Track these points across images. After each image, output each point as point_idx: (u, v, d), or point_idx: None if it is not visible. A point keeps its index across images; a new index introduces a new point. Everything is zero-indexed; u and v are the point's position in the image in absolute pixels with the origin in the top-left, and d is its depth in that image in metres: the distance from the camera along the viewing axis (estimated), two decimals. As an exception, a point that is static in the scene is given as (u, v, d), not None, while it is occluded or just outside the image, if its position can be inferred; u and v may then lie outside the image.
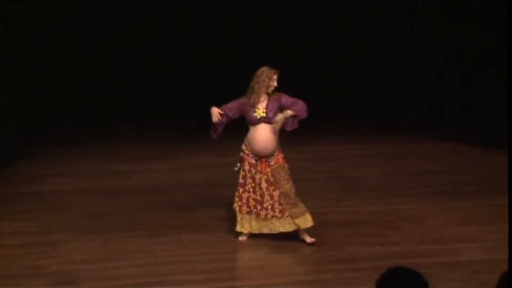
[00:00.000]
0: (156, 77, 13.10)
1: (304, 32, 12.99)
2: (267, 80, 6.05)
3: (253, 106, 6.07)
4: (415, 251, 6.03)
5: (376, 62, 12.56)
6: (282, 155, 6.23)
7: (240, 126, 6.38)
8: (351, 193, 7.91)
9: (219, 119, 6.16)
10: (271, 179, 6.16)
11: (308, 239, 6.28)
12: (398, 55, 12.15)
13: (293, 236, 6.42)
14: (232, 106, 6.18)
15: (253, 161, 6.17)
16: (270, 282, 5.55)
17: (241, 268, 5.81)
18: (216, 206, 7.43)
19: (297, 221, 6.20)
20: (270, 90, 6.09)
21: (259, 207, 6.21)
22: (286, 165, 6.23)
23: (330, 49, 12.93)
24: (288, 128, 6.21)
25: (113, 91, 12.84)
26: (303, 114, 6.11)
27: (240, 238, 6.34)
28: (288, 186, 6.17)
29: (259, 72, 6.11)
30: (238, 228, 6.33)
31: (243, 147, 6.24)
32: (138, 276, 5.64)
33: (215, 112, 6.17)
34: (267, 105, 6.08)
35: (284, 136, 6.32)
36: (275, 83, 6.09)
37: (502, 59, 9.90)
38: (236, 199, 6.28)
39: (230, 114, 6.18)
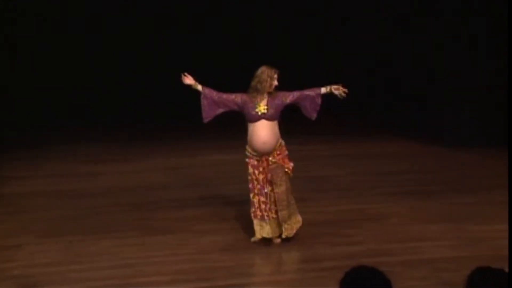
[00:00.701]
0: (121, 78, 13.00)
1: (283, 31, 12.98)
2: (268, 79, 6.08)
3: (254, 103, 6.07)
4: (379, 250, 6.09)
5: (343, 60, 12.61)
6: (285, 153, 6.20)
7: (209, 129, 6.36)
8: (316, 193, 7.96)
9: (189, 82, 6.11)
10: (270, 179, 6.13)
11: (276, 240, 6.28)
12: (364, 53, 12.22)
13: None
14: (230, 96, 6.13)
15: (256, 162, 6.15)
16: (237, 282, 5.56)
17: (207, 269, 5.80)
18: (181, 207, 7.42)
19: (285, 225, 6.19)
20: (271, 89, 6.11)
21: (268, 209, 6.19)
22: (285, 165, 6.15)
23: (298, 49, 12.95)
24: (313, 113, 6.37)
25: (79, 92, 12.72)
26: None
27: (252, 240, 6.30)
28: (282, 188, 6.12)
29: (259, 71, 6.11)
30: (258, 236, 6.23)
31: (246, 152, 6.21)
32: (103, 278, 5.60)
33: (186, 77, 6.14)
34: (268, 102, 6.10)
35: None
36: (276, 82, 6.12)
37: (464, 59, 10.06)
38: (251, 205, 6.23)
39: (230, 98, 6.10)
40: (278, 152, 6.16)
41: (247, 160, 6.22)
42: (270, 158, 6.13)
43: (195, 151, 9.84)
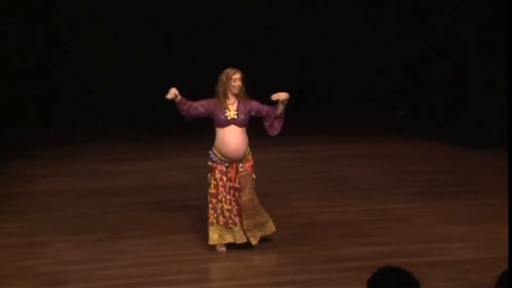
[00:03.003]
0: (147, 78, 13.05)
1: (295, 33, 12.97)
2: (225, 80, 5.95)
3: (224, 108, 5.97)
4: (405, 251, 6.04)
5: (365, 62, 12.58)
6: (252, 162, 6.07)
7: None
8: (340, 193, 7.92)
9: (174, 97, 6.04)
10: (238, 186, 5.98)
11: (253, 241, 6.09)
12: (387, 55, 12.16)
13: (284, 236, 6.42)
14: (203, 103, 6.05)
15: (224, 168, 6.00)
16: (261, 282, 5.55)
17: (231, 268, 5.80)
18: (205, 206, 7.38)
19: (248, 234, 6.05)
20: (234, 91, 5.97)
21: (233, 216, 6.03)
22: (253, 175, 6.05)
23: (319, 51, 12.92)
24: (273, 131, 6.11)
25: (104, 92, 12.78)
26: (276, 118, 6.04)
27: (220, 249, 6.12)
28: (248, 196, 5.98)
29: (221, 74, 6.03)
30: (211, 242, 6.07)
31: (212, 155, 6.07)
32: (128, 276, 5.62)
33: (172, 90, 6.08)
34: (238, 107, 5.98)
35: (274, 136, 6.30)
36: (237, 83, 5.96)
37: (488, 59, 9.96)
38: (211, 211, 6.05)
39: (198, 108, 6.04)
40: (248, 159, 6.04)
41: (212, 164, 6.05)
42: (240, 165, 6.00)
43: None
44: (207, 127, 6.32)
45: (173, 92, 6.10)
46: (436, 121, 11.01)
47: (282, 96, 5.95)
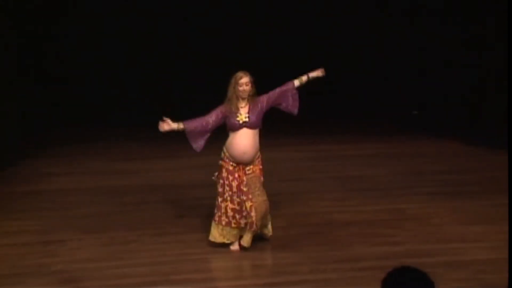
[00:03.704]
0: (159, 76, 13.10)
1: (305, 33, 12.97)
2: (234, 84, 5.91)
3: (235, 112, 5.93)
4: (419, 251, 6.02)
5: (380, 62, 12.57)
6: (260, 166, 6.06)
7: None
8: (355, 192, 7.91)
9: (170, 128, 6.07)
10: (245, 189, 5.96)
11: (244, 243, 6.07)
12: (402, 54, 12.14)
13: (298, 235, 6.42)
14: (212, 114, 6.02)
15: (231, 168, 5.99)
16: (275, 281, 5.56)
17: (246, 267, 5.81)
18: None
19: (249, 234, 6.03)
20: (243, 96, 5.93)
21: (238, 216, 6.02)
22: (262, 178, 6.05)
23: (334, 49, 12.92)
24: (294, 109, 6.09)
25: (117, 90, 12.85)
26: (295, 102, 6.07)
27: (233, 248, 6.14)
28: (259, 198, 5.95)
29: (232, 76, 5.99)
30: (211, 238, 6.11)
31: (222, 154, 6.07)
32: (142, 275, 5.65)
33: (164, 124, 6.08)
34: (249, 110, 5.95)
35: (289, 134, 6.32)
36: (245, 87, 5.92)
37: (504, 57, 9.88)
38: (216, 209, 6.09)
39: (210, 121, 6.02)
40: (256, 163, 6.01)
41: (221, 162, 6.06)
42: (248, 168, 5.97)
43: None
44: (220, 127, 6.33)
45: (167, 125, 6.07)
46: (451, 121, 10.96)
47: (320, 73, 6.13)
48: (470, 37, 10.47)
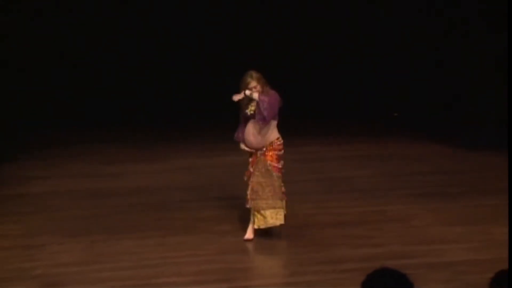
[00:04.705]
0: (142, 80, 13.06)
1: (288, 34, 12.98)
2: (244, 86, 6.24)
3: (246, 104, 6.32)
4: (401, 252, 6.04)
5: (362, 63, 12.60)
6: (276, 152, 6.34)
7: (228, 129, 6.38)
8: (338, 194, 7.92)
9: (240, 97, 6.26)
10: (251, 169, 6.36)
11: (247, 235, 6.35)
12: (383, 56, 12.18)
13: (280, 237, 6.42)
14: (241, 117, 6.43)
15: (250, 159, 6.40)
16: (256, 283, 5.56)
17: (227, 270, 5.79)
18: (202, 207, 7.43)
19: (257, 214, 6.31)
20: (253, 96, 6.22)
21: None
22: (274, 163, 6.31)
23: (317, 51, 12.95)
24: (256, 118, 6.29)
25: (97, 93, 12.78)
26: (263, 110, 6.19)
27: (246, 238, 6.40)
28: (258, 179, 6.29)
29: (244, 74, 6.31)
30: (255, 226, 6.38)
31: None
32: (124, 278, 5.62)
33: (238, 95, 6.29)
34: (256, 102, 6.28)
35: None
36: (254, 90, 6.21)
37: (487, 61, 9.96)
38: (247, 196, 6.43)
39: (241, 117, 6.43)
40: (270, 148, 6.33)
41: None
42: (259, 153, 6.34)
43: (214, 152, 9.85)
44: (204, 129, 6.34)
45: (238, 95, 6.28)
46: (434, 122, 11.00)
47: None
48: (453, 39, 10.52)
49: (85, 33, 12.66)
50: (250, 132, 6.32)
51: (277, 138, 6.36)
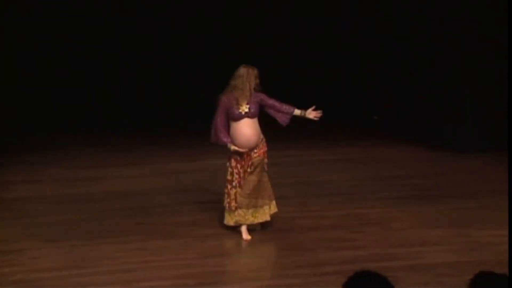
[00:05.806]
0: (123, 84, 12.99)
1: (267, 34, 12.98)
2: (253, 79, 6.36)
3: (237, 103, 6.29)
4: (381, 255, 6.07)
5: (341, 65, 12.62)
6: (265, 149, 6.48)
7: (207, 133, 6.39)
8: (318, 197, 7.94)
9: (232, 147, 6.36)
10: (249, 170, 6.38)
11: (245, 236, 6.41)
12: (363, 58, 12.23)
13: (261, 241, 6.42)
14: (222, 119, 6.37)
15: (238, 158, 6.38)
16: (237, 287, 5.54)
17: (208, 274, 5.78)
18: (182, 212, 7.41)
19: (239, 211, 6.41)
20: (257, 88, 6.41)
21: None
22: (265, 160, 6.46)
23: (296, 52, 12.95)
24: (284, 122, 6.68)
25: (76, 98, 12.69)
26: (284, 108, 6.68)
27: (245, 237, 6.43)
28: (253, 177, 6.36)
29: (243, 72, 6.37)
30: (225, 222, 6.51)
31: (228, 145, 6.42)
32: (104, 283, 5.59)
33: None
34: (248, 101, 6.33)
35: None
36: (258, 81, 6.40)
37: (470, 66, 10.03)
38: (225, 196, 6.46)
39: (222, 122, 6.39)
40: (261, 147, 6.43)
41: (231, 150, 6.39)
42: (254, 151, 6.37)
43: (194, 156, 9.83)
44: (185, 133, 6.35)
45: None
46: (415, 126, 11.05)
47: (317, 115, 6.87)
48: (434, 42, 10.59)
49: (68, 38, 12.56)
50: (250, 132, 6.34)
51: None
